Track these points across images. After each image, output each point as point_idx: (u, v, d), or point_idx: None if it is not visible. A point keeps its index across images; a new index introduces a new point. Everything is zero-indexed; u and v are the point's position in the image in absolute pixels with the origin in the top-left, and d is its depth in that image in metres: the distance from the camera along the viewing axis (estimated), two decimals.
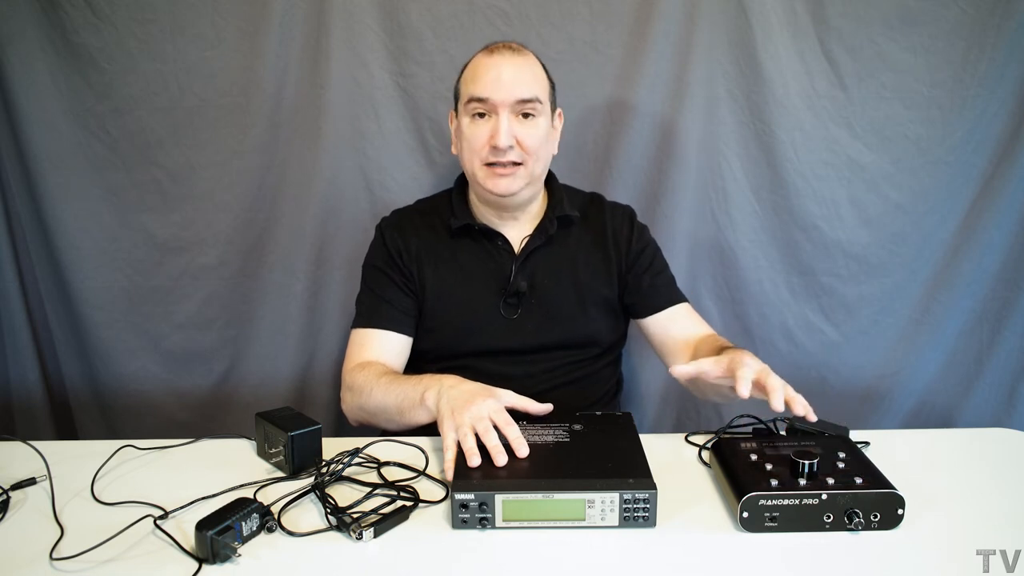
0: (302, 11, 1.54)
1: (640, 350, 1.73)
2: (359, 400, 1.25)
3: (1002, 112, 1.58)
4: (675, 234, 1.65)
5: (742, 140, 1.62)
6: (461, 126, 1.29)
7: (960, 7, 1.53)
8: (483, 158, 1.26)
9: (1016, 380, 1.72)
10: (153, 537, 0.93)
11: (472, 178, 1.31)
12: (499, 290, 1.33)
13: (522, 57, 1.28)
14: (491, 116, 1.25)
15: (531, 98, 1.25)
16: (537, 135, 1.27)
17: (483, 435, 1.00)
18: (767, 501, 0.91)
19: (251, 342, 1.72)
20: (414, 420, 1.16)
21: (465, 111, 1.27)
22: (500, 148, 1.23)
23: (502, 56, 1.26)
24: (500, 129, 1.23)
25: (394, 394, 1.18)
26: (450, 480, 0.98)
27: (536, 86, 1.27)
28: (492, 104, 1.24)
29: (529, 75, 1.27)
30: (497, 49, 1.28)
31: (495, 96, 1.24)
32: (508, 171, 1.26)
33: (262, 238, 1.67)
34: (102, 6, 1.52)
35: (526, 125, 1.26)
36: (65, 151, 1.61)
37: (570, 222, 1.37)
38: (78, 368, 1.76)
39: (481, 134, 1.26)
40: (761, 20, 1.54)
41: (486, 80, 1.24)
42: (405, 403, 1.16)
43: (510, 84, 1.24)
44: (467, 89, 1.27)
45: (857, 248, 1.67)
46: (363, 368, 1.28)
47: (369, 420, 1.28)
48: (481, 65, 1.27)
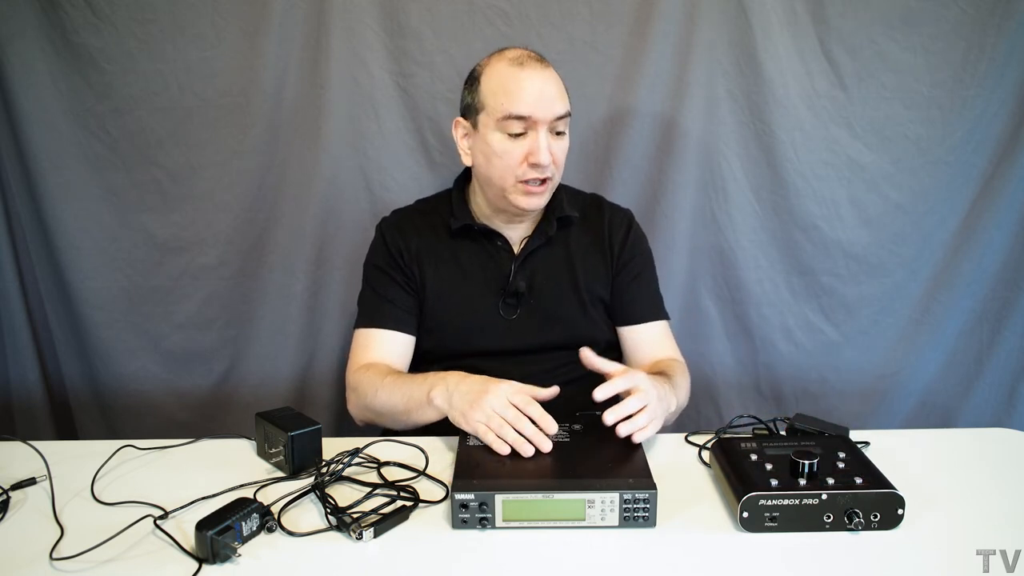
0: (302, 11, 1.54)
1: None
2: (365, 401, 1.25)
3: (1002, 112, 1.58)
4: (675, 234, 1.65)
5: (742, 140, 1.62)
6: (489, 141, 1.24)
7: (960, 7, 1.53)
8: (519, 176, 1.24)
9: (1016, 380, 1.72)
10: (153, 537, 0.93)
11: (499, 192, 1.27)
12: (498, 290, 1.33)
13: (550, 71, 1.26)
14: (528, 133, 1.23)
15: (566, 113, 1.25)
16: (566, 149, 1.28)
17: (516, 423, 1.03)
18: (767, 501, 0.91)
19: (251, 342, 1.72)
20: (422, 419, 1.17)
21: (498, 127, 1.23)
22: (542, 165, 1.22)
23: (535, 71, 1.23)
24: (541, 147, 1.21)
25: (400, 394, 1.19)
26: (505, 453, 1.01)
27: (567, 100, 1.26)
28: (533, 122, 1.22)
29: (561, 89, 1.25)
30: (525, 62, 1.23)
31: (538, 114, 1.21)
32: (540, 189, 1.26)
33: (262, 238, 1.67)
34: (102, 6, 1.52)
35: (559, 141, 1.26)
36: (65, 151, 1.60)
37: (570, 222, 1.36)
38: (78, 368, 1.76)
39: (519, 151, 1.23)
40: (761, 20, 1.54)
41: (527, 98, 1.21)
42: (412, 403, 1.16)
43: (550, 102, 1.22)
44: (502, 104, 1.22)
45: (857, 248, 1.67)
46: (367, 369, 1.28)
47: (375, 420, 1.28)
48: (515, 79, 1.22)
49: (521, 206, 1.27)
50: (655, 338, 1.38)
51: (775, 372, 1.75)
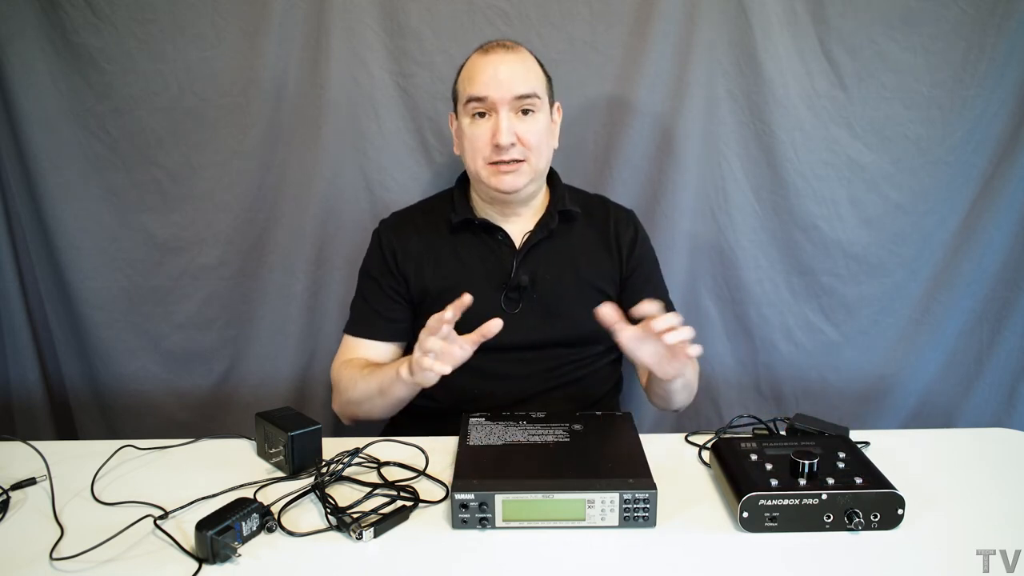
0: (302, 11, 1.54)
1: None
2: (346, 395, 1.30)
3: (1002, 112, 1.58)
4: (675, 234, 1.65)
5: (742, 140, 1.62)
6: (462, 127, 1.30)
7: (960, 7, 1.53)
8: (486, 157, 1.27)
9: (1016, 380, 1.72)
10: (153, 537, 0.93)
11: (476, 177, 1.31)
12: (500, 285, 1.33)
13: (516, 54, 1.29)
14: (491, 115, 1.26)
15: (529, 93, 1.26)
16: (537, 130, 1.28)
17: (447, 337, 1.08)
18: (767, 501, 0.91)
19: (251, 342, 1.72)
20: (394, 395, 1.21)
21: (465, 112, 1.28)
22: (502, 146, 1.24)
23: (496, 54, 1.27)
24: (501, 127, 1.24)
25: (375, 378, 1.24)
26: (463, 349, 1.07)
27: (533, 81, 1.27)
28: (491, 102, 1.25)
29: (525, 71, 1.27)
30: (491, 48, 1.29)
31: (493, 94, 1.24)
32: (512, 167, 1.27)
33: (262, 238, 1.67)
34: (102, 6, 1.52)
35: (526, 121, 1.27)
36: (65, 151, 1.60)
37: (572, 217, 1.37)
38: (78, 368, 1.76)
39: (482, 133, 1.26)
40: (761, 20, 1.54)
41: (483, 79, 1.25)
42: (385, 381, 1.21)
43: (507, 81, 1.24)
44: (465, 89, 1.28)
45: (857, 248, 1.67)
46: (346, 365, 1.33)
47: (356, 411, 1.32)
48: (477, 65, 1.27)
49: (495, 185, 1.28)
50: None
51: (775, 372, 1.74)
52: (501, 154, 1.25)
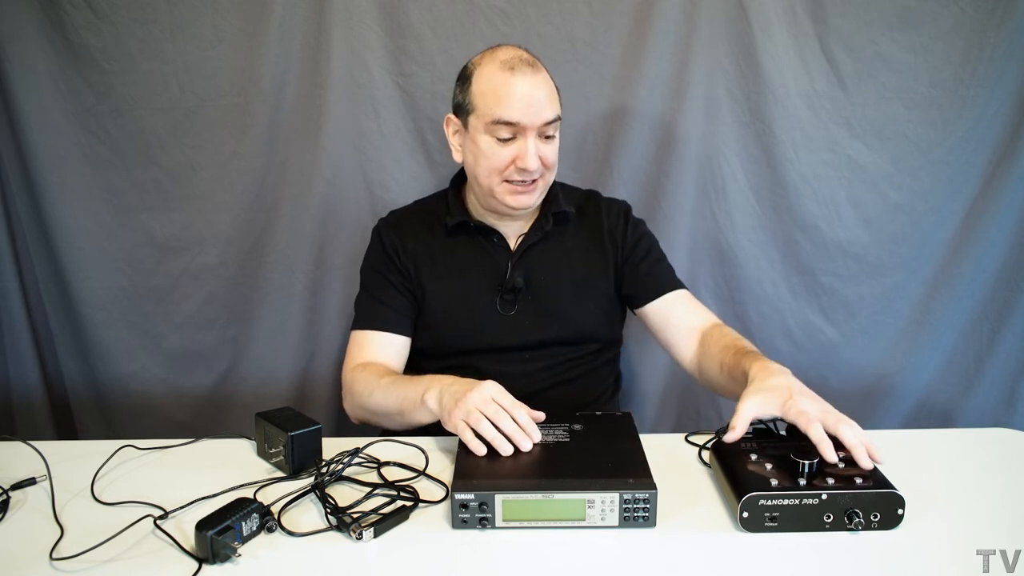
0: (302, 11, 1.54)
1: (640, 349, 1.73)
2: (360, 401, 1.26)
3: (1002, 112, 1.58)
4: (675, 234, 1.65)
5: (742, 140, 1.62)
6: (477, 142, 1.24)
7: (960, 7, 1.53)
8: (504, 176, 1.25)
9: (1016, 380, 1.72)
10: (153, 537, 0.93)
11: (487, 192, 1.28)
12: (495, 287, 1.33)
13: (541, 75, 1.24)
14: (517, 138, 1.23)
15: (555, 118, 1.25)
16: (556, 150, 1.27)
17: (495, 418, 1.02)
18: (767, 501, 0.91)
19: (251, 342, 1.72)
20: (415, 420, 1.16)
21: (487, 130, 1.23)
22: (529, 171, 1.22)
23: (524, 76, 1.21)
24: (528, 152, 1.22)
25: (395, 395, 1.18)
26: (480, 454, 1.00)
27: (556, 104, 1.26)
28: (521, 127, 1.22)
29: (550, 93, 1.25)
30: (516, 66, 1.21)
31: (526, 120, 1.21)
32: (530, 188, 1.26)
33: (262, 238, 1.67)
34: (102, 6, 1.53)
35: (548, 144, 1.26)
36: (65, 151, 1.61)
37: (566, 218, 1.37)
38: (78, 368, 1.76)
39: (505, 155, 1.23)
40: (761, 20, 1.54)
41: (514, 104, 1.20)
42: (406, 404, 1.16)
43: (538, 108, 1.21)
44: (492, 110, 1.21)
45: (857, 248, 1.67)
46: (363, 369, 1.28)
47: (370, 419, 1.29)
48: (504, 84, 1.21)
49: (510, 204, 1.27)
50: (682, 305, 1.35)
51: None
52: (523, 176, 1.24)
